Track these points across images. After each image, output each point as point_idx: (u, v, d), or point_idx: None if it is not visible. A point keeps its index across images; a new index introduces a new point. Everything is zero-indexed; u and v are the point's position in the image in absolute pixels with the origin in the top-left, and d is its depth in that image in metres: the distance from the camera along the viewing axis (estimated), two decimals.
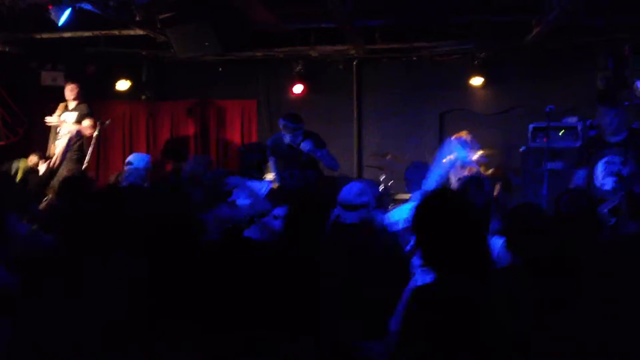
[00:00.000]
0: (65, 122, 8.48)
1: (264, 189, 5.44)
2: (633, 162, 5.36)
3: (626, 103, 7.36)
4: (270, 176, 7.82)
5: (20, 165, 6.79)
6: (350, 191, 4.30)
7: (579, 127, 8.48)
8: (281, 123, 7.17)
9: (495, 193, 9.20)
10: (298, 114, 7.37)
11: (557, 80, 9.13)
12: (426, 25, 8.53)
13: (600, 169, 5.60)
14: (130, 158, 7.46)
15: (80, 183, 5.09)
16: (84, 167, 8.16)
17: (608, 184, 5.46)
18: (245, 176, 5.63)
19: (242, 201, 5.08)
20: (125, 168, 7.28)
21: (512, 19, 7.94)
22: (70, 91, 8.64)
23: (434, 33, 8.90)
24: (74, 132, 8.36)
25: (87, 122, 8.46)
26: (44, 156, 7.79)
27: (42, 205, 5.10)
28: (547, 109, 6.50)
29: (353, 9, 7.07)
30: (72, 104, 8.67)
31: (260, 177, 5.67)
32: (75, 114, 8.57)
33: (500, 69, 9.47)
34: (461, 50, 9.37)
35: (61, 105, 8.68)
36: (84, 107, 8.63)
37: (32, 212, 4.61)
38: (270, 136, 8.42)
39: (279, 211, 4.63)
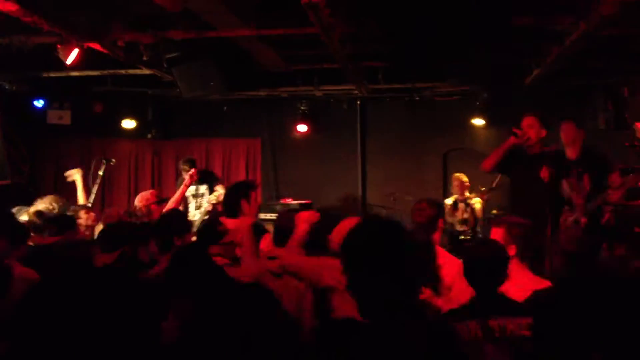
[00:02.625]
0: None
1: None
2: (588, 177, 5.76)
3: (627, 144, 7.41)
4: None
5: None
6: None
7: None
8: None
9: None
10: None
11: (557, 120, 9.19)
12: (428, 67, 8.63)
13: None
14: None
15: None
16: (89, 205, 8.20)
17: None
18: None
19: None
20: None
21: (512, 62, 8.03)
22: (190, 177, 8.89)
23: (436, 74, 9.00)
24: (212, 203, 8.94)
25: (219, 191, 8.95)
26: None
27: None
28: (548, 149, 6.53)
29: (353, 51, 7.16)
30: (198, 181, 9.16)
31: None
32: (205, 186, 9.18)
33: (501, 109, 9.54)
34: (463, 91, 9.47)
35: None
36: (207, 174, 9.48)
37: None
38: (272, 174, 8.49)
39: None
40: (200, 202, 9.37)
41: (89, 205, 7.16)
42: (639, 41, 6.93)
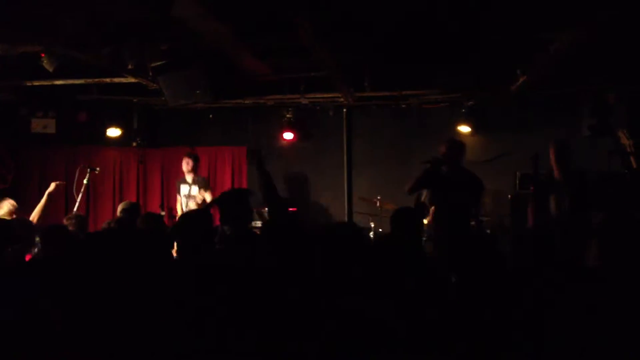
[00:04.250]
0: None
1: None
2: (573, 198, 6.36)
3: (610, 151, 7.50)
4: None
5: None
6: None
7: None
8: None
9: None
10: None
11: (543, 127, 9.23)
12: (414, 74, 8.66)
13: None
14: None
15: None
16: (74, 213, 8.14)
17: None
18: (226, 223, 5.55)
19: None
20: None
21: (498, 69, 8.05)
22: (186, 164, 9.42)
23: (422, 82, 9.02)
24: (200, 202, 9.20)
25: (207, 195, 9.26)
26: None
27: None
28: (532, 157, 6.58)
29: (339, 59, 7.17)
30: (189, 177, 9.42)
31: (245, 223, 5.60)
32: (196, 188, 9.35)
33: (487, 117, 9.58)
34: (448, 98, 9.49)
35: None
36: (201, 179, 9.56)
37: None
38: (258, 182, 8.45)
39: None
40: (188, 202, 9.39)
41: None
42: (625, 48, 6.96)
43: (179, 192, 9.57)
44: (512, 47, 6.97)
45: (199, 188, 9.28)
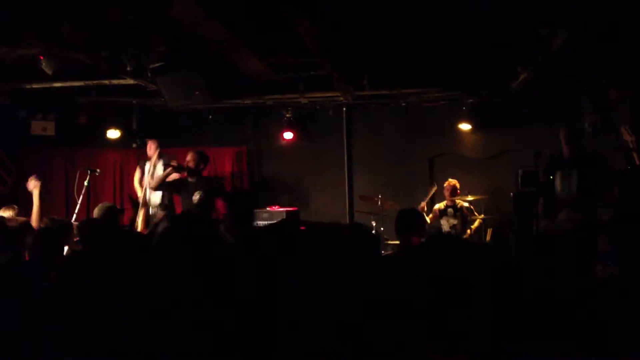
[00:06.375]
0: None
1: None
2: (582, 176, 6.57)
3: (613, 148, 7.47)
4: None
5: None
6: None
7: None
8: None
9: (487, 237, 9.26)
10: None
11: (544, 124, 9.19)
12: (413, 72, 8.63)
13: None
14: None
15: None
16: (73, 217, 8.09)
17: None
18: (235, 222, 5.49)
19: None
20: None
21: (498, 66, 8.02)
22: (149, 149, 9.22)
23: (421, 79, 8.99)
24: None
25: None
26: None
27: None
28: (535, 154, 6.55)
29: (338, 58, 7.14)
30: (153, 158, 9.15)
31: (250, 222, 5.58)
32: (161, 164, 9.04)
33: (488, 114, 9.54)
34: (449, 96, 9.46)
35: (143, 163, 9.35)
36: (165, 156, 9.20)
37: None
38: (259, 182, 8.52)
39: None
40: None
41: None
42: (626, 44, 6.93)
43: (142, 172, 9.28)
44: (513, 43, 6.94)
45: (164, 164, 8.96)
